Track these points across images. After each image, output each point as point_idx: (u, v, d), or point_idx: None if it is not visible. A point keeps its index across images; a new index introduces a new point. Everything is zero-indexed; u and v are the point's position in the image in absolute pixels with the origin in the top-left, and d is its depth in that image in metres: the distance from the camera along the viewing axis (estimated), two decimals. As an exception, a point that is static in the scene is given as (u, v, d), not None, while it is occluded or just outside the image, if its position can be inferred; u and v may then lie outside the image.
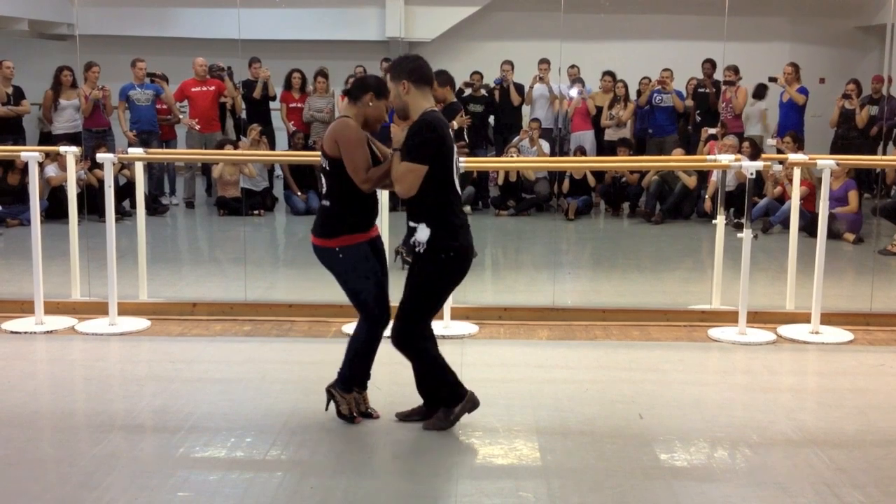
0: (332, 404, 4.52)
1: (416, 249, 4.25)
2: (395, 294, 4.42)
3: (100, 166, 6.96)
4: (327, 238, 4.39)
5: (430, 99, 4.30)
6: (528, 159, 10.77)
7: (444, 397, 4.42)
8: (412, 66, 4.25)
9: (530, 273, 8.35)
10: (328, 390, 4.52)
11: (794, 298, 6.56)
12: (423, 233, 4.21)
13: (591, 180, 11.56)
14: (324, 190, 4.44)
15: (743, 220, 6.28)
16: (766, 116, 12.03)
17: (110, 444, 4.30)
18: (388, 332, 4.46)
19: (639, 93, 12.49)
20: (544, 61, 12.12)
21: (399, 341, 4.37)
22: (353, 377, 4.51)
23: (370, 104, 4.35)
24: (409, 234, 4.28)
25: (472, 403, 4.43)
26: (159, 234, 10.24)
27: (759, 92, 11.90)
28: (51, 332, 6.18)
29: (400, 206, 5.22)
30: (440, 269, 4.28)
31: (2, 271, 8.22)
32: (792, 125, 11.13)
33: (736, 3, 8.57)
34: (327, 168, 4.35)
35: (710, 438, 4.42)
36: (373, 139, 4.48)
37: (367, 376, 4.59)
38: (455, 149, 4.34)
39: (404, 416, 4.54)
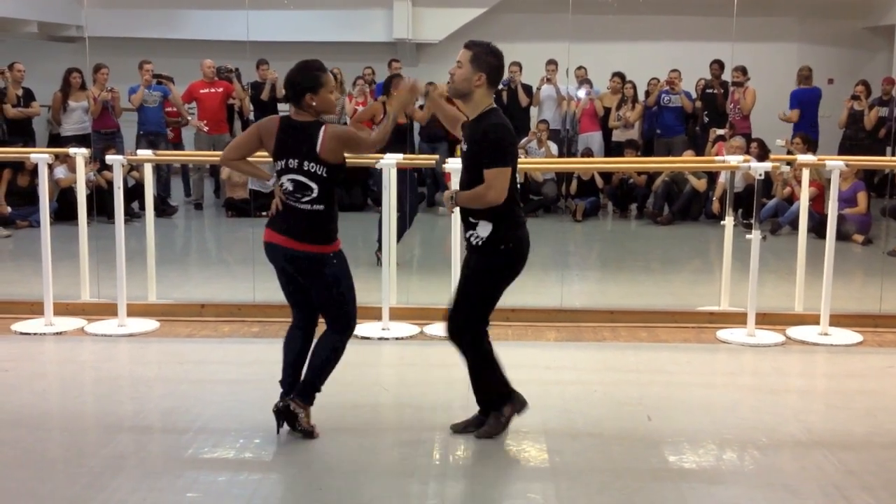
0: (286, 422, 4.31)
1: (474, 243, 4.20)
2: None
3: (109, 168, 6.96)
4: (325, 244, 4.26)
5: (491, 97, 4.24)
6: (535, 160, 10.76)
7: (491, 398, 4.37)
8: (496, 66, 4.19)
9: (538, 274, 8.32)
10: (289, 409, 4.25)
11: (802, 300, 6.54)
12: (484, 228, 4.16)
13: (599, 182, 11.54)
14: (312, 195, 4.19)
15: (752, 221, 6.27)
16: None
17: (119, 444, 4.31)
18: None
19: (647, 93, 12.48)
20: (552, 62, 12.11)
21: (456, 335, 4.31)
22: (316, 389, 4.36)
23: (313, 103, 4.20)
24: (466, 229, 4.26)
25: (521, 404, 4.39)
26: (168, 236, 10.25)
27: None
28: (60, 333, 6.20)
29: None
30: (498, 261, 4.21)
31: (12, 272, 8.25)
32: (802, 128, 11.15)
33: (744, 4, 8.56)
34: (324, 175, 4.17)
35: (719, 440, 4.41)
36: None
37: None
38: None
39: (460, 428, 4.42)
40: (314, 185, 4.20)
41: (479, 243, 4.19)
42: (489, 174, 4.09)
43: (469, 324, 4.29)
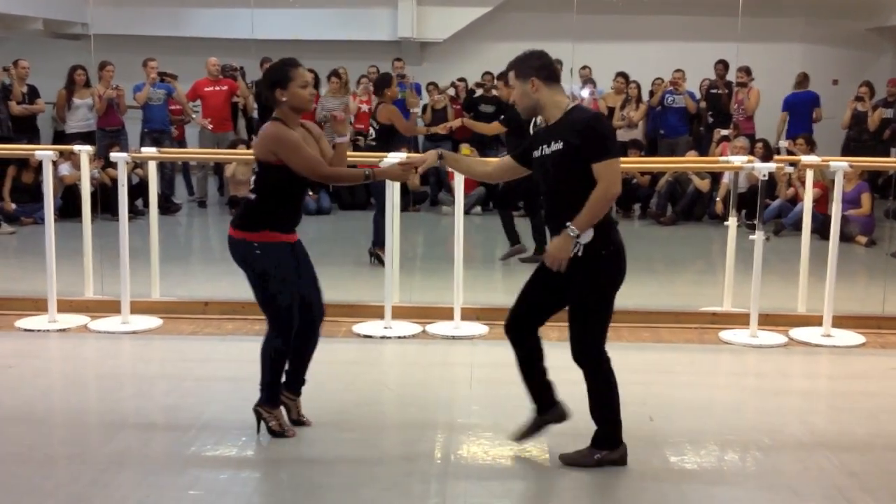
0: (262, 424, 4.34)
1: (575, 252, 3.87)
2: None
3: (113, 165, 6.99)
4: (247, 231, 4.20)
5: (563, 94, 4.02)
6: (539, 160, 10.73)
7: (598, 434, 4.09)
8: (541, 64, 4.01)
9: (541, 274, 8.34)
10: (255, 410, 4.33)
11: (805, 301, 6.54)
12: (587, 235, 3.84)
13: (603, 181, 11.50)
14: (251, 186, 4.33)
15: (755, 222, 6.27)
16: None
17: (122, 441, 4.32)
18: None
19: (651, 94, 12.47)
20: (556, 62, 12.08)
21: (579, 356, 4.03)
22: (274, 389, 4.34)
23: (283, 98, 4.19)
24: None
25: (622, 457, 4.08)
26: (171, 234, 10.27)
27: None
28: (64, 330, 6.21)
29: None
30: (603, 268, 3.93)
31: (16, 269, 8.26)
32: (793, 129, 11.20)
33: (749, 4, 8.56)
34: (255, 169, 4.22)
35: (721, 441, 4.42)
36: (319, 137, 4.40)
37: (301, 382, 4.45)
38: None
39: (519, 436, 4.22)
40: (255, 177, 4.25)
41: (581, 252, 3.86)
42: (602, 168, 3.80)
43: (596, 344, 4.02)
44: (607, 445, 4.08)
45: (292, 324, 4.25)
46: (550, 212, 4.06)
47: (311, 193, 11.38)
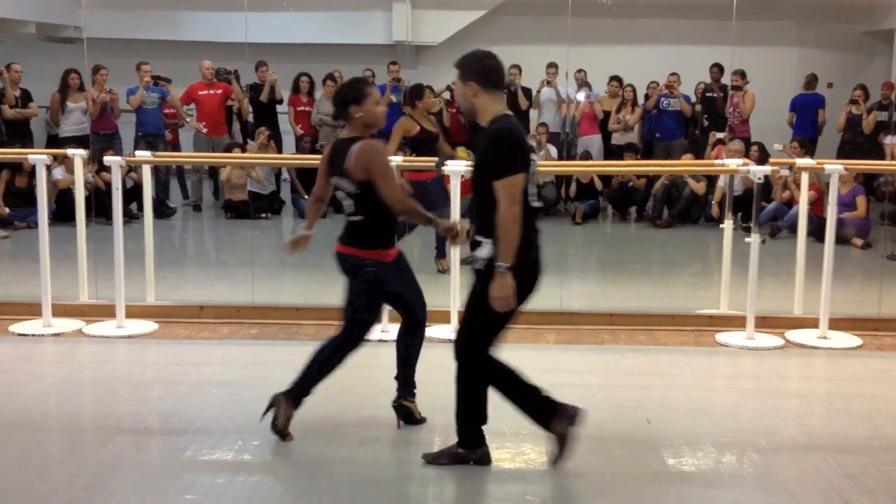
0: (270, 412, 4.32)
1: (475, 267, 3.82)
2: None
3: (107, 169, 6.96)
4: (359, 248, 4.27)
5: (500, 102, 3.89)
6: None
7: (462, 435, 4.08)
8: (481, 68, 3.84)
9: (537, 277, 8.33)
10: (274, 396, 4.31)
11: (802, 303, 6.54)
12: (484, 249, 3.76)
13: (599, 184, 11.54)
14: (350, 209, 4.27)
15: (751, 225, 6.27)
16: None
17: (117, 446, 4.30)
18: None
19: (646, 97, 12.49)
20: (552, 65, 12.11)
21: (458, 350, 4.02)
22: (304, 391, 4.33)
23: (357, 115, 4.23)
24: (472, 249, 3.89)
25: (484, 457, 4.08)
26: (166, 238, 10.24)
27: None
28: (58, 334, 6.19)
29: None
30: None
31: (10, 274, 8.23)
32: (799, 130, 11.20)
33: (744, 8, 8.56)
34: (356, 191, 4.20)
35: (718, 443, 4.41)
36: None
37: (411, 384, 4.58)
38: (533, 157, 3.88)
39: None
40: (349, 201, 4.28)
41: (482, 267, 3.78)
42: (498, 186, 3.67)
43: (479, 345, 3.97)
44: (469, 445, 4.08)
45: (360, 339, 4.36)
46: (475, 226, 3.92)
47: (306, 196, 11.35)
